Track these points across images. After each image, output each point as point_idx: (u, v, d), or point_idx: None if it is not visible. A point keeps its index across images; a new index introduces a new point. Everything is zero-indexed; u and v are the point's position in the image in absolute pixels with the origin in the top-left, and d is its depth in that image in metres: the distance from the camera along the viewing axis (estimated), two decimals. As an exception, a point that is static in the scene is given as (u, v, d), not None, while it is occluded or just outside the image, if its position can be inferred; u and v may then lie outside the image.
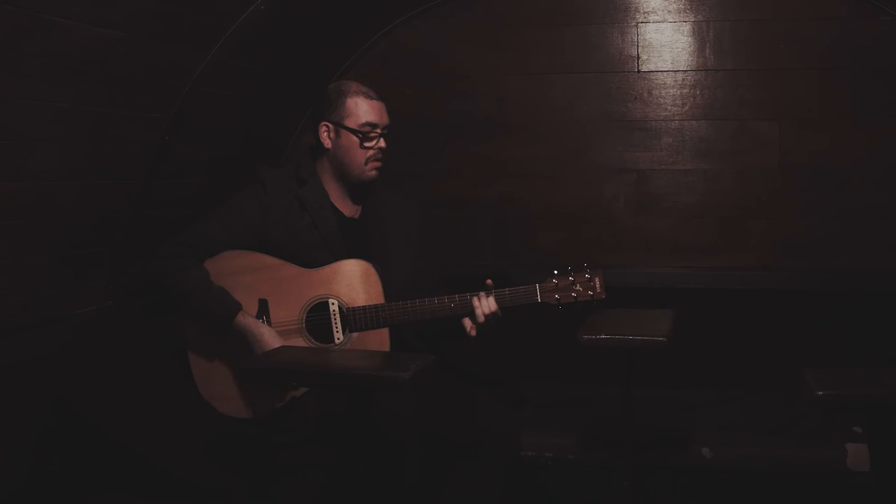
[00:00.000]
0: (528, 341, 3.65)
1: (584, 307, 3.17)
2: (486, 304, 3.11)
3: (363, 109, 3.22)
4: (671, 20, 4.12)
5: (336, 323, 3.15)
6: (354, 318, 3.15)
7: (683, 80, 4.14)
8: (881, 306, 3.94)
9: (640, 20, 4.15)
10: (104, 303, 3.34)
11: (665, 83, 4.16)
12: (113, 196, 3.22)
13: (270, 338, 3.07)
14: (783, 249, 4.10)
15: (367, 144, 3.21)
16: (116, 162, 3.16)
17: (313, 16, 3.68)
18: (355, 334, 3.15)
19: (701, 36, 4.10)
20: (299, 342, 3.14)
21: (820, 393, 2.23)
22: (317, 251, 3.19)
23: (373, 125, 3.21)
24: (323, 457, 3.02)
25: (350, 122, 3.20)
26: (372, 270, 3.17)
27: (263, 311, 3.15)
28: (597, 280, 3.16)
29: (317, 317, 3.16)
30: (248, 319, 3.09)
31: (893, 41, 3.88)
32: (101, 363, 3.30)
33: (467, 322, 3.16)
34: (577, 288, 3.15)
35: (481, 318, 3.11)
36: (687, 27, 4.11)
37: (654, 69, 4.16)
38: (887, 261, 3.98)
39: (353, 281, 3.16)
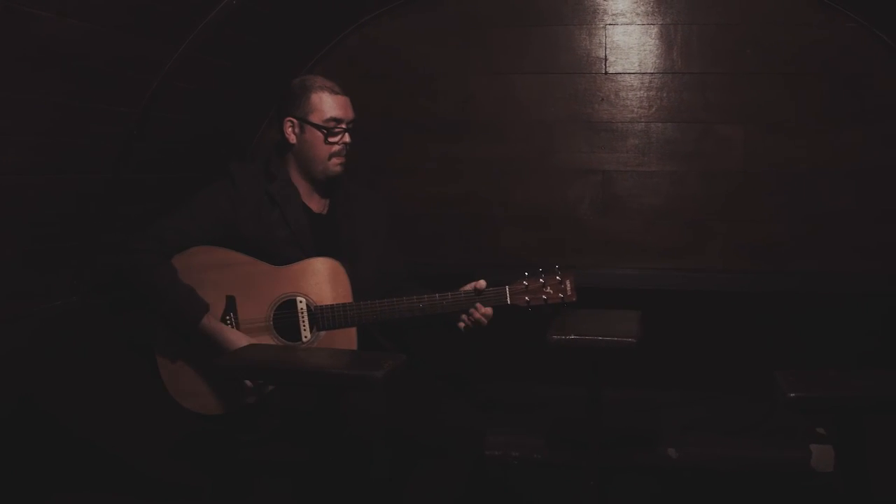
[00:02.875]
0: (495, 341, 3.64)
1: (554, 309, 3.16)
2: (480, 315, 3.14)
3: (328, 105, 3.19)
4: (639, 22, 4.14)
5: (304, 321, 3.13)
6: (322, 317, 3.12)
7: (650, 82, 4.16)
8: (844, 309, 3.99)
9: (609, 22, 4.16)
10: (69, 298, 3.30)
11: (632, 85, 4.18)
12: (79, 190, 3.17)
13: (237, 339, 3.04)
14: (747, 252, 4.14)
15: (331, 140, 3.19)
16: (83, 156, 3.12)
17: (282, 11, 3.66)
18: (323, 333, 3.13)
19: (668, 39, 4.12)
20: (267, 340, 3.11)
21: (792, 395, 2.24)
22: (286, 248, 3.16)
23: (337, 120, 3.19)
24: (290, 454, 3.00)
25: (314, 118, 3.18)
26: (340, 269, 3.15)
27: (231, 308, 3.12)
28: (568, 283, 3.16)
29: (284, 314, 3.14)
30: (213, 323, 3.05)
31: (859, 47, 3.94)
32: (66, 359, 3.25)
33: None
34: (548, 290, 3.14)
35: (484, 322, 3.13)
36: (654, 30, 4.13)
37: (621, 71, 4.18)
38: (850, 264, 4.04)
39: (321, 279, 3.14)
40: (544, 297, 3.14)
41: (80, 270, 3.32)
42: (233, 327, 3.09)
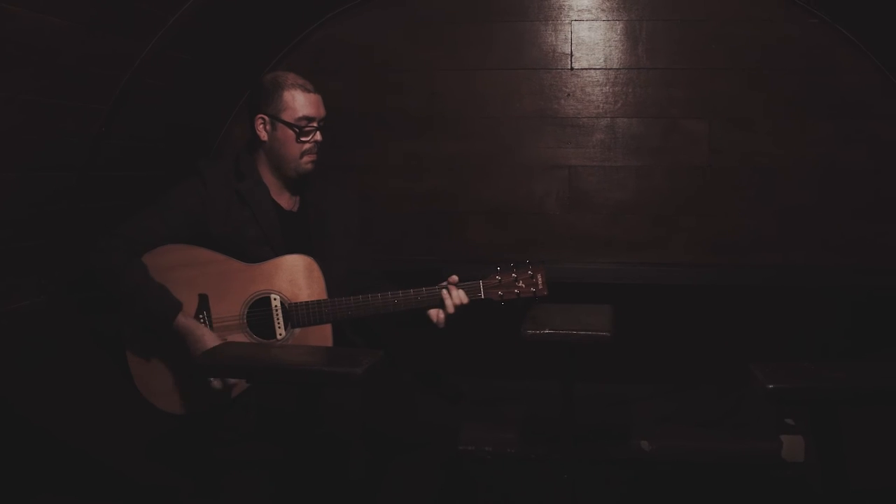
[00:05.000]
0: (466, 338, 3.65)
1: (525, 303, 3.18)
2: (456, 296, 3.13)
3: (300, 103, 3.17)
4: (604, 18, 4.17)
5: (278, 318, 3.11)
6: (297, 314, 3.11)
7: (616, 77, 4.19)
8: (809, 301, 4.04)
9: (574, 18, 4.19)
10: (37, 298, 3.25)
11: (598, 80, 4.20)
12: (49, 189, 3.14)
13: (211, 340, 3.02)
14: (713, 246, 4.19)
15: (303, 139, 3.17)
16: (52, 153, 3.09)
17: (250, 6, 3.64)
18: (297, 330, 3.12)
19: (633, 35, 4.15)
20: (240, 338, 3.08)
21: (771, 386, 2.25)
22: (257, 246, 3.14)
23: (309, 119, 3.17)
24: (266, 453, 2.98)
25: (286, 116, 3.16)
26: (315, 266, 3.14)
27: (204, 306, 3.08)
28: (539, 277, 3.18)
29: (258, 312, 3.11)
30: (188, 321, 3.01)
31: (821, 43, 4.00)
32: (37, 360, 3.21)
33: (433, 313, 3.18)
34: (520, 284, 3.16)
35: (451, 310, 3.13)
36: (620, 26, 4.16)
37: (586, 66, 4.21)
38: (816, 257, 4.10)
39: (295, 276, 3.13)
40: (517, 291, 3.16)
41: (48, 270, 3.28)
42: (206, 326, 3.07)
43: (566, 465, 3.13)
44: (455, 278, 3.16)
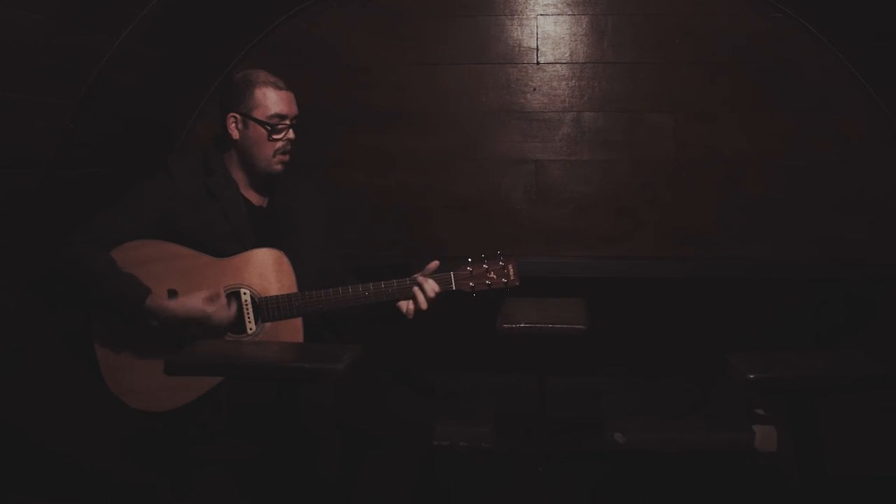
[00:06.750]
0: (438, 332, 3.64)
1: (497, 294, 3.18)
2: (428, 287, 3.11)
3: (272, 101, 3.14)
4: (570, 13, 4.18)
5: (248, 313, 3.08)
6: (267, 308, 3.08)
7: (582, 72, 4.20)
8: (776, 293, 4.09)
9: (540, 12, 4.19)
10: (3, 299, 3.20)
11: (563, 75, 4.21)
12: (13, 186, 3.09)
13: (179, 305, 2.97)
14: (680, 239, 4.21)
15: (275, 136, 3.15)
16: (18, 151, 3.03)
17: (216, 1, 3.60)
18: (268, 324, 3.09)
19: (599, 29, 4.16)
20: (210, 333, 3.05)
21: (751, 376, 2.27)
22: (226, 241, 3.11)
23: (281, 116, 3.15)
24: (239, 450, 2.96)
25: (258, 114, 3.13)
26: (285, 259, 3.11)
27: (173, 301, 3.06)
28: (510, 267, 3.18)
29: (228, 307, 3.09)
30: (158, 300, 2.98)
31: (786, 36, 4.04)
32: (7, 359, 3.16)
33: (402, 305, 3.16)
34: (491, 275, 3.16)
35: (423, 304, 3.12)
36: (585, 20, 4.17)
37: (552, 61, 4.21)
38: (781, 249, 4.14)
39: (265, 270, 3.10)
40: (488, 281, 3.16)
41: (14, 269, 3.22)
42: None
43: (541, 459, 3.14)
44: (436, 263, 3.15)
